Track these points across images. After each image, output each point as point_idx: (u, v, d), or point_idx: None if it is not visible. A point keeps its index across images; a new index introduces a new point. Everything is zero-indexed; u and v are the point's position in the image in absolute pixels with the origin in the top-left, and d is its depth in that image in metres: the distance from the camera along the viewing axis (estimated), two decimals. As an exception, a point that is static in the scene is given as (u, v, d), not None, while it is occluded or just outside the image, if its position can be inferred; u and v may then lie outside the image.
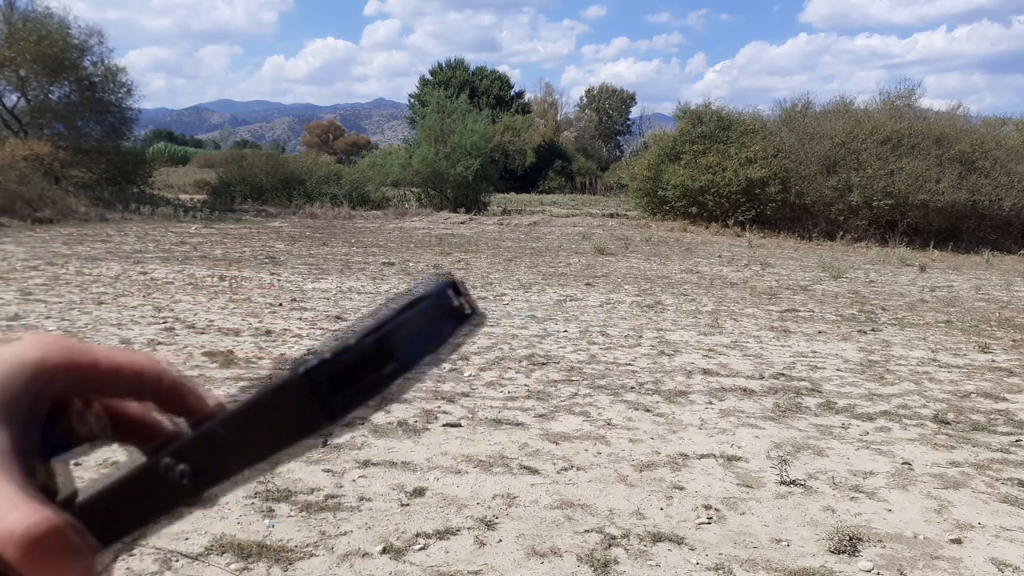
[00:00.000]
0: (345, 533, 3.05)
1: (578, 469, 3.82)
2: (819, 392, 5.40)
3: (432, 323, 0.35)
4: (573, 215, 23.91)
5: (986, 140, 20.44)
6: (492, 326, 7.21)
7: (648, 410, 4.82)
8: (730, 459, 4.03)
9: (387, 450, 3.91)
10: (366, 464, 3.72)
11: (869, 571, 2.94)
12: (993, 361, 6.60)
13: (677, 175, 21.22)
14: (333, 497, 3.35)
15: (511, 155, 32.09)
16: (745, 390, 5.36)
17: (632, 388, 5.30)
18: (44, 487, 0.30)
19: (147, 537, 0.31)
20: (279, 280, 9.56)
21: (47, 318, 6.68)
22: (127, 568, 2.65)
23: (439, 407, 4.65)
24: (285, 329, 6.69)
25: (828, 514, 3.42)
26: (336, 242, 14.63)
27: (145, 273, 9.64)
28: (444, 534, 3.08)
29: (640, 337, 6.98)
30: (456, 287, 0.37)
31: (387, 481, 3.54)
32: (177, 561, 2.77)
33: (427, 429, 4.25)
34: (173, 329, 6.49)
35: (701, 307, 8.79)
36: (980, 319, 8.71)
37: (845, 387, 5.57)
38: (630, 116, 60.84)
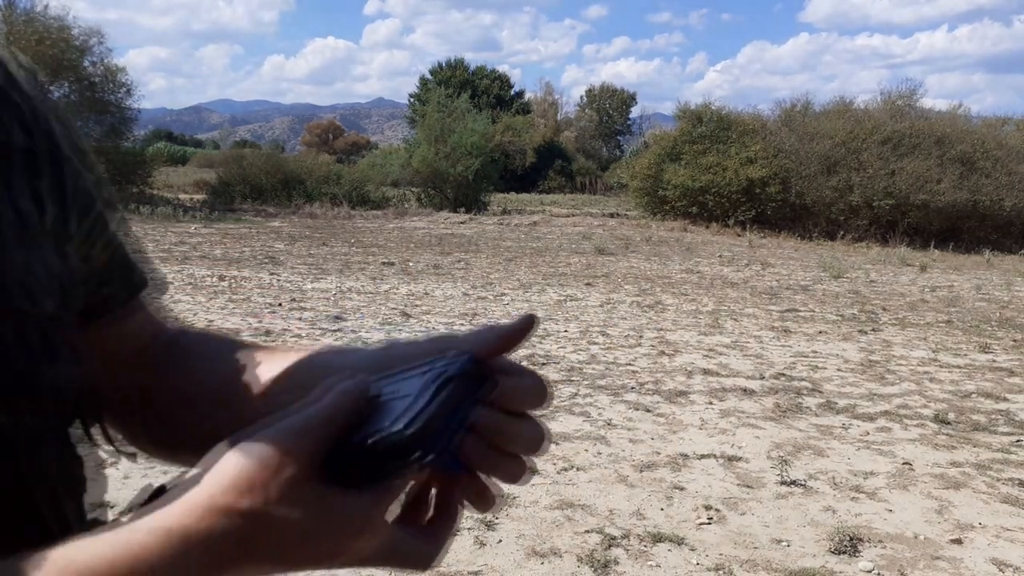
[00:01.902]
0: (345, 533, 3.04)
1: (578, 469, 3.81)
2: (820, 392, 5.40)
3: (455, 410, 0.43)
4: (573, 215, 23.91)
5: (987, 140, 20.43)
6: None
7: (648, 410, 4.81)
8: (730, 459, 4.03)
9: (387, 450, 3.90)
10: (366, 464, 3.71)
11: (870, 571, 2.93)
12: (994, 361, 6.60)
13: (677, 175, 21.21)
14: (333, 497, 3.34)
15: (511, 155, 32.07)
16: (745, 390, 5.35)
17: (632, 388, 5.29)
18: None
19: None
20: (279, 280, 9.56)
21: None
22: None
23: (439, 407, 4.64)
24: (285, 329, 6.68)
25: (829, 514, 3.41)
26: (336, 242, 14.63)
27: (145, 273, 9.63)
28: (444, 534, 3.07)
29: (640, 337, 6.98)
30: (477, 362, 0.45)
31: (387, 481, 3.54)
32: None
33: (427, 429, 4.24)
34: (173, 329, 6.48)
35: (701, 307, 8.78)
36: (981, 319, 8.70)
37: (846, 387, 5.57)
38: (630, 116, 60.86)
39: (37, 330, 0.47)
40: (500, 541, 3.04)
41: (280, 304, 7.89)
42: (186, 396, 0.59)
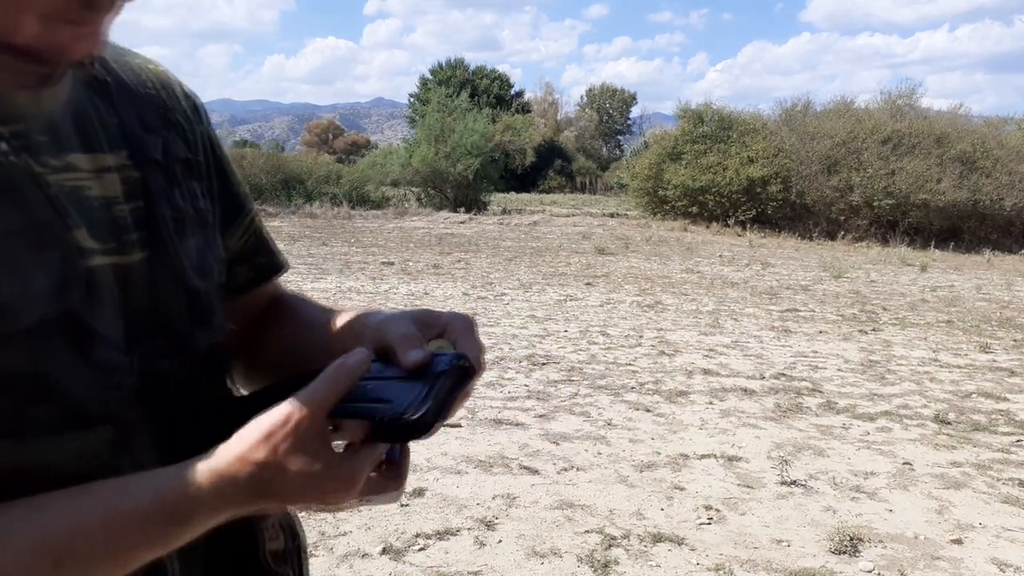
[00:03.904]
0: (345, 533, 3.05)
1: (578, 469, 3.81)
2: (820, 392, 5.40)
3: (448, 398, 0.56)
4: (573, 215, 23.90)
5: (987, 140, 20.41)
6: (492, 326, 7.20)
7: (648, 410, 4.81)
8: (731, 459, 4.03)
9: (387, 450, 3.90)
10: (366, 464, 3.70)
11: (870, 571, 2.93)
12: (994, 361, 6.59)
13: (678, 175, 21.19)
14: (333, 497, 3.34)
15: (511, 154, 32.04)
16: (746, 390, 5.35)
17: (632, 388, 5.29)
18: None
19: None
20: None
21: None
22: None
23: (439, 407, 4.63)
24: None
25: (829, 514, 3.41)
26: (336, 242, 14.63)
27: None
28: (444, 534, 3.07)
29: (640, 337, 6.97)
30: (466, 362, 0.59)
31: (387, 481, 3.53)
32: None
33: (427, 429, 4.24)
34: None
35: (701, 307, 8.78)
36: (981, 319, 8.70)
37: (846, 387, 5.57)
38: (631, 116, 60.82)
39: (199, 302, 0.65)
40: (500, 541, 3.04)
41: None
42: (274, 348, 0.79)
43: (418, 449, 3.92)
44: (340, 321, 0.74)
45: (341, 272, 10.46)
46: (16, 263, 0.51)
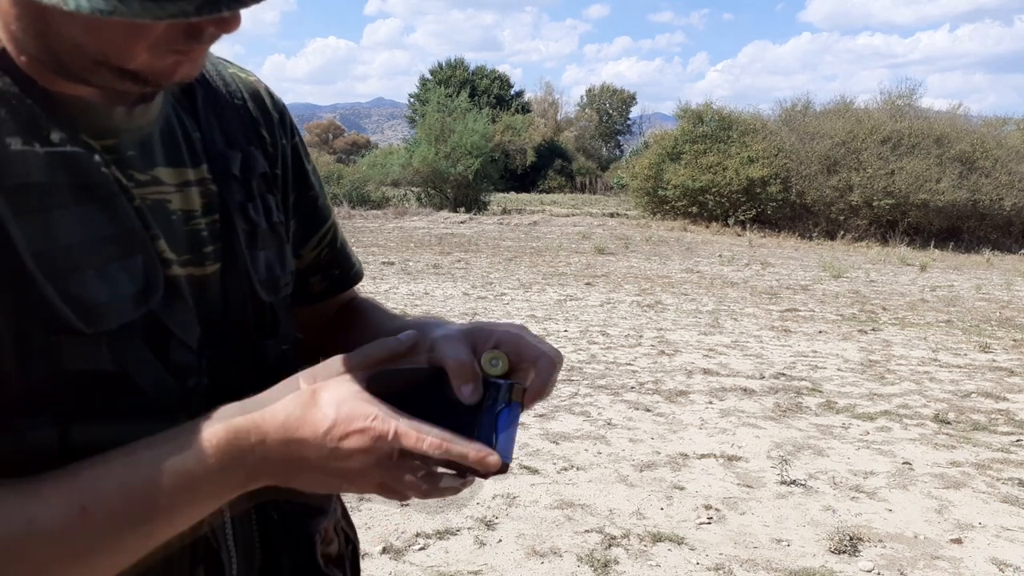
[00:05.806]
0: (345, 533, 3.04)
1: (578, 469, 3.81)
2: (819, 392, 5.40)
3: (513, 431, 0.67)
4: (573, 215, 23.89)
5: (987, 140, 20.42)
6: (492, 326, 7.20)
7: (648, 410, 4.82)
8: (730, 459, 4.03)
9: (387, 450, 3.90)
10: (366, 464, 3.70)
11: (869, 571, 2.93)
12: (994, 361, 6.60)
13: (678, 175, 21.20)
14: (333, 497, 3.34)
15: (511, 154, 32.03)
16: (745, 390, 5.35)
17: (632, 388, 5.29)
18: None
19: None
20: (279, 280, 9.53)
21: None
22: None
23: (439, 407, 4.63)
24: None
25: (828, 514, 3.41)
26: (336, 242, 14.61)
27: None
28: (444, 534, 3.07)
29: (640, 337, 6.98)
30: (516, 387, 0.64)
31: (387, 481, 3.53)
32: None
33: (427, 429, 4.24)
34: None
35: (701, 307, 8.78)
36: (981, 319, 8.70)
37: (845, 387, 5.57)
38: (630, 116, 60.85)
39: (266, 315, 0.68)
40: (500, 541, 3.04)
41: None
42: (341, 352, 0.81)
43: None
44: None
45: (341, 272, 10.45)
46: (106, 267, 0.55)
